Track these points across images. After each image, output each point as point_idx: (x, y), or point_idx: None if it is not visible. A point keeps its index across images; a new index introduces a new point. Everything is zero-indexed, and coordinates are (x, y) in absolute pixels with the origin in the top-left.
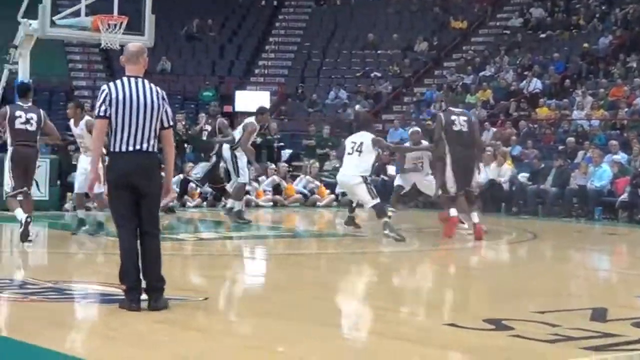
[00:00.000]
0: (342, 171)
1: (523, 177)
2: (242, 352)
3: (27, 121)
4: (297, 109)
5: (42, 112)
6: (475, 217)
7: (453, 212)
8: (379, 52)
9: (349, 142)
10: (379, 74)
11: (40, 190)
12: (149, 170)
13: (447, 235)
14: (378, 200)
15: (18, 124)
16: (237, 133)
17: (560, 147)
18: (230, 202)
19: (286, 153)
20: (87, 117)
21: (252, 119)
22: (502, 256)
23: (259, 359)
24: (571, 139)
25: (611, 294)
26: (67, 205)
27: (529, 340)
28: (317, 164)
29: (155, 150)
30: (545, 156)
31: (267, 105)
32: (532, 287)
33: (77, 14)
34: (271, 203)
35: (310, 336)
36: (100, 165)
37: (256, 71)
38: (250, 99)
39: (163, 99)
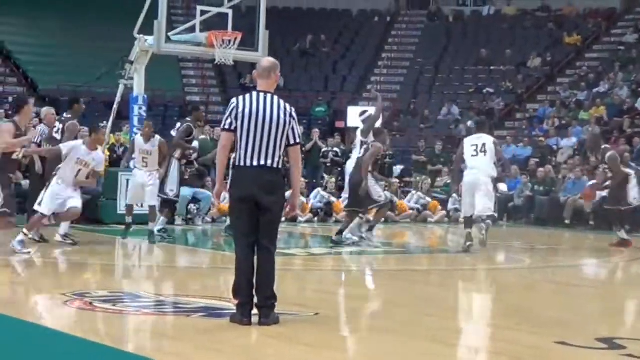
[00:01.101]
0: (472, 171)
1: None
2: None
3: None
4: (409, 124)
5: None
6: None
7: None
8: (491, 67)
9: (468, 145)
10: (491, 90)
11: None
12: (272, 186)
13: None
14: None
15: None
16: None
17: None
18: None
19: (397, 169)
20: (158, 137)
21: (377, 142)
22: (613, 274)
23: None
24: None
25: None
26: None
27: None
28: (429, 180)
29: (280, 166)
30: None
31: (380, 120)
32: None
33: (191, 29)
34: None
35: (421, 353)
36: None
37: (369, 87)
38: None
39: (291, 115)
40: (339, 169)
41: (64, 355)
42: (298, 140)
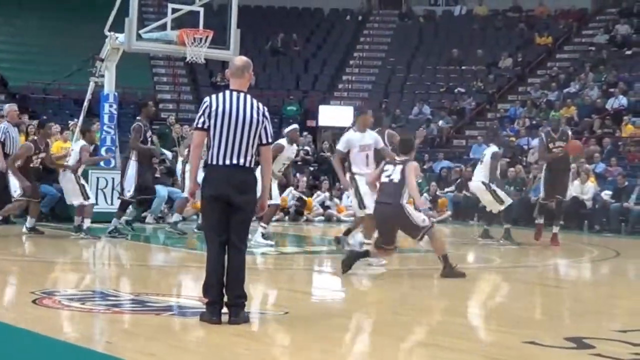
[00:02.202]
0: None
1: (606, 194)
2: None
3: None
4: (380, 123)
5: None
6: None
7: None
8: (463, 67)
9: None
10: (462, 90)
11: None
12: (245, 185)
13: None
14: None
15: None
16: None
17: None
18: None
19: None
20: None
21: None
22: (584, 274)
23: None
24: None
25: None
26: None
27: (611, 359)
28: None
29: (252, 165)
30: (629, 174)
31: (351, 120)
32: (614, 305)
33: (163, 27)
34: (353, 218)
35: (393, 352)
36: (73, 177)
37: (340, 86)
38: (334, 114)
39: (264, 115)
40: (310, 167)
41: (32, 355)
42: (270, 140)
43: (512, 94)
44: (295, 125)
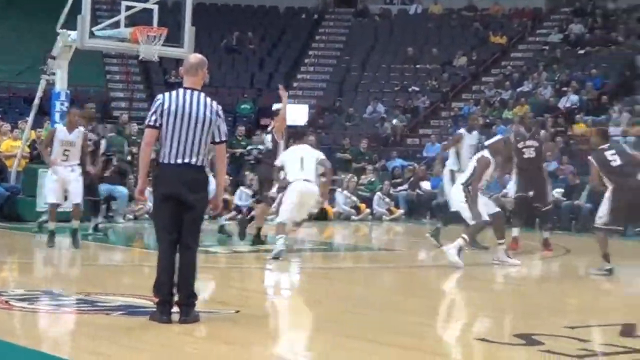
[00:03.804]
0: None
1: (558, 192)
2: None
3: None
4: (334, 122)
5: None
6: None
7: None
8: (417, 66)
9: None
10: (417, 89)
11: None
12: (196, 184)
13: None
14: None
15: None
16: None
17: None
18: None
19: None
20: (82, 128)
21: None
22: (535, 271)
23: None
24: None
25: None
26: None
27: (559, 355)
28: (355, 179)
29: (205, 164)
30: (581, 172)
31: (305, 118)
32: (563, 302)
33: (116, 25)
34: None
35: (342, 349)
36: (55, 177)
37: (295, 84)
38: (289, 112)
39: (217, 113)
40: None
41: None
42: (224, 138)
43: (466, 93)
44: None
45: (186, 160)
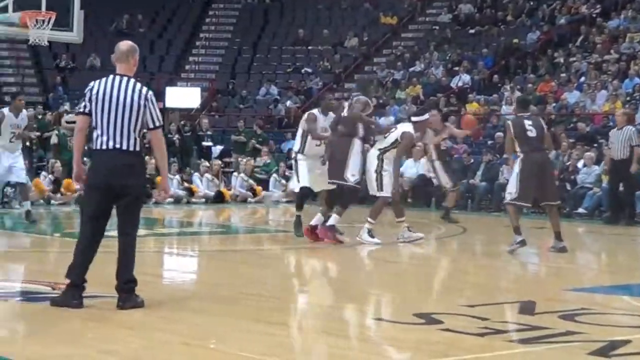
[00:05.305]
0: None
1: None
2: (175, 348)
3: None
4: (227, 105)
5: None
6: None
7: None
8: (309, 47)
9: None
10: (309, 70)
11: None
12: (129, 170)
13: None
14: None
15: None
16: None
17: (489, 142)
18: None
19: (217, 149)
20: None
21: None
22: (432, 251)
23: (191, 355)
24: (500, 134)
25: (539, 288)
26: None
27: (459, 333)
28: (252, 161)
29: (138, 149)
30: (475, 151)
31: (198, 101)
32: (461, 281)
33: (4, 9)
34: (203, 200)
35: (241, 331)
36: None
37: (187, 67)
38: (181, 95)
39: (146, 99)
40: None
41: None
42: (157, 124)
43: (359, 74)
44: None
45: (117, 146)
